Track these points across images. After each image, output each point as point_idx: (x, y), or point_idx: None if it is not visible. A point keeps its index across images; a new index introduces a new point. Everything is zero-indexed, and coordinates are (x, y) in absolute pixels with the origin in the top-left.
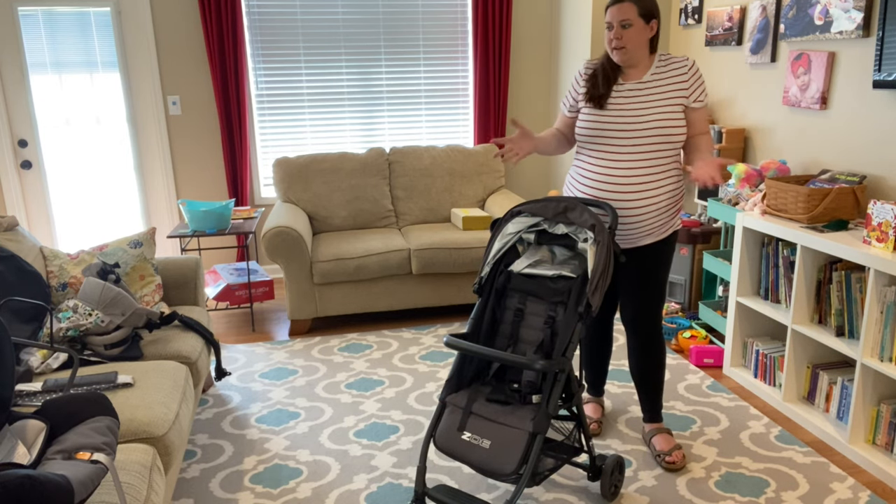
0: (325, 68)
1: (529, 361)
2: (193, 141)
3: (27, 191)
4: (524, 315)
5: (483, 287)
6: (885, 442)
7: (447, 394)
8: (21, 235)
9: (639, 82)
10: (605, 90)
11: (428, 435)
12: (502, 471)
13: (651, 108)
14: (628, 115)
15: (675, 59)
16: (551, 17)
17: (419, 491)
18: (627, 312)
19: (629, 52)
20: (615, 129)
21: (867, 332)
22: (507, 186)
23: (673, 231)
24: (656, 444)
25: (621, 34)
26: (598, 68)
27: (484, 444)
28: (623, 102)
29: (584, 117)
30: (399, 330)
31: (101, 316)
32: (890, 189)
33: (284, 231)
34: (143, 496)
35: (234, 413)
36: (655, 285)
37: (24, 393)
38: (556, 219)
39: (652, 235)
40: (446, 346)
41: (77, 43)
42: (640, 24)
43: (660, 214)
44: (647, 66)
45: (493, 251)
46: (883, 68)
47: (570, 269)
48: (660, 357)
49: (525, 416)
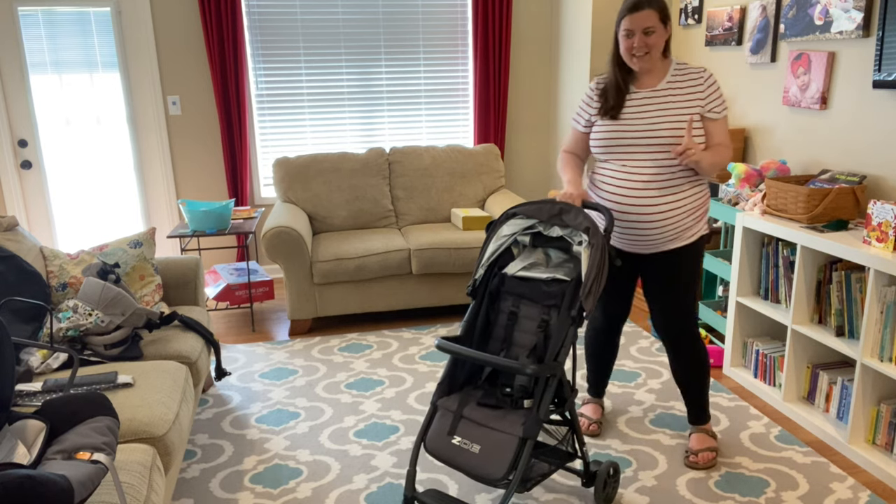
0: (325, 68)
1: (520, 366)
2: (193, 141)
3: (27, 191)
4: (518, 318)
5: (477, 290)
6: (885, 442)
7: (439, 397)
8: (21, 235)
9: (654, 90)
10: (618, 101)
11: (419, 439)
12: (491, 476)
13: (667, 115)
14: (644, 123)
15: (691, 69)
16: (551, 17)
17: (408, 495)
18: (657, 319)
19: (651, 57)
20: (632, 137)
21: (867, 332)
22: (507, 186)
23: (699, 236)
24: (690, 441)
25: (644, 41)
26: (608, 81)
27: (473, 449)
28: (638, 110)
29: (599, 128)
30: (399, 330)
31: (101, 316)
32: (890, 189)
33: (284, 231)
34: (143, 496)
35: (234, 413)
36: (682, 289)
37: (24, 393)
38: (552, 221)
39: (676, 240)
40: (437, 348)
41: (77, 43)
42: (660, 29)
43: (682, 219)
44: (661, 71)
45: (488, 253)
46: (883, 68)
47: (565, 272)
48: (694, 360)
49: (516, 420)
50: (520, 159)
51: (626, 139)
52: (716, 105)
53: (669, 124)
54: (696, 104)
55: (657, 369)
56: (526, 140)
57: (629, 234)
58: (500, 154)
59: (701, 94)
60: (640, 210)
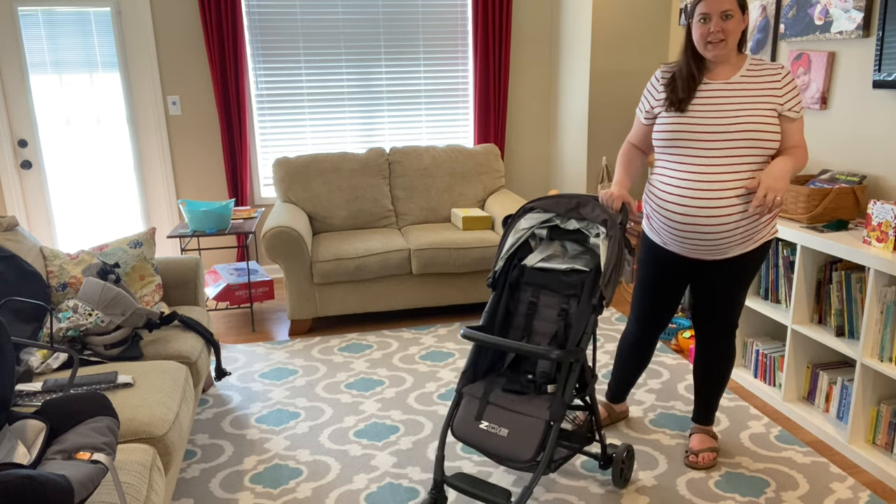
0: (325, 68)
1: (546, 351)
2: (193, 141)
3: (27, 191)
4: (538, 308)
5: (497, 281)
6: (885, 442)
7: (464, 384)
8: (21, 235)
9: (727, 82)
10: (688, 93)
11: (446, 424)
12: (520, 458)
13: (741, 110)
14: (715, 116)
15: (769, 65)
16: (551, 17)
17: (438, 479)
18: (701, 316)
19: (728, 45)
20: (700, 132)
21: (867, 332)
22: (508, 186)
23: (767, 240)
24: (691, 441)
25: (721, 26)
26: (679, 70)
27: (501, 433)
28: (709, 103)
29: (664, 121)
30: (399, 330)
31: (101, 316)
32: (890, 189)
33: (284, 231)
34: (143, 496)
35: (234, 413)
36: (738, 296)
37: (24, 393)
38: (569, 214)
39: (742, 245)
40: (463, 337)
41: (77, 43)
42: (738, 14)
43: (752, 223)
44: (735, 64)
45: (507, 246)
46: (883, 68)
47: (583, 262)
48: (723, 360)
49: (541, 405)
50: (520, 159)
51: (693, 134)
52: (794, 104)
53: (743, 119)
54: (773, 100)
55: (657, 369)
56: (526, 140)
57: (691, 239)
58: (500, 154)
59: (778, 90)
60: (706, 213)
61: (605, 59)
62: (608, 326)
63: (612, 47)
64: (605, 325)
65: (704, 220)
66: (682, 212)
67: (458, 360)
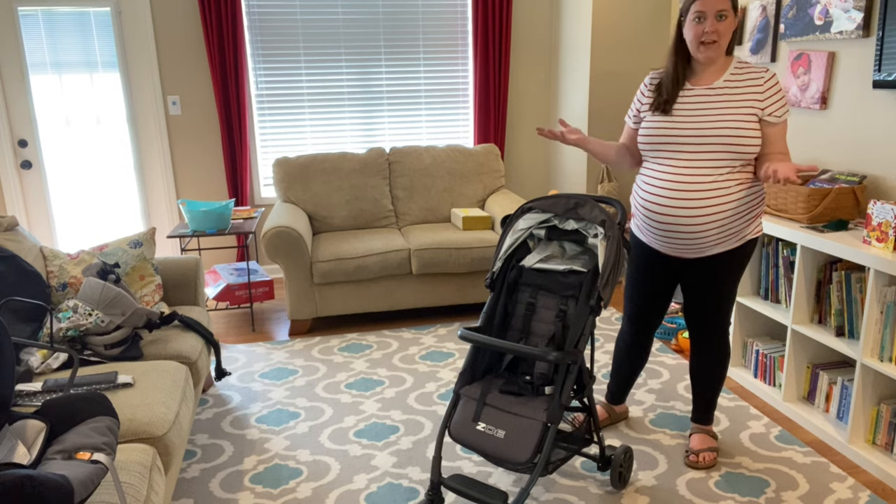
0: (325, 68)
1: (543, 353)
2: (193, 141)
3: (27, 191)
4: (535, 309)
5: (495, 282)
6: (885, 442)
7: (461, 385)
8: (21, 235)
9: (709, 87)
10: (672, 94)
11: (443, 426)
12: (517, 459)
13: (721, 115)
14: (695, 120)
15: (752, 68)
16: (551, 17)
17: (435, 480)
18: (691, 316)
19: (720, 47)
20: (681, 136)
21: (867, 332)
22: (507, 186)
23: (749, 239)
24: (691, 441)
25: (716, 27)
26: (666, 73)
27: (499, 434)
28: (690, 108)
29: (648, 124)
30: (399, 330)
31: (101, 316)
32: (890, 189)
33: (284, 231)
34: (143, 496)
35: (234, 413)
36: (724, 294)
37: (24, 393)
38: (567, 215)
39: (723, 244)
40: (461, 338)
41: (77, 43)
42: (731, 16)
43: (729, 223)
44: (721, 67)
45: (505, 246)
46: (883, 68)
47: (581, 263)
48: (718, 359)
49: (538, 406)
50: (520, 159)
51: (675, 137)
52: (775, 108)
53: (721, 124)
54: (753, 105)
55: (657, 369)
56: (526, 140)
57: (671, 238)
58: (500, 154)
59: (759, 94)
60: (683, 213)
61: (605, 61)
62: (607, 326)
63: (612, 48)
64: (605, 325)
65: (682, 220)
66: (661, 210)
67: (457, 360)
